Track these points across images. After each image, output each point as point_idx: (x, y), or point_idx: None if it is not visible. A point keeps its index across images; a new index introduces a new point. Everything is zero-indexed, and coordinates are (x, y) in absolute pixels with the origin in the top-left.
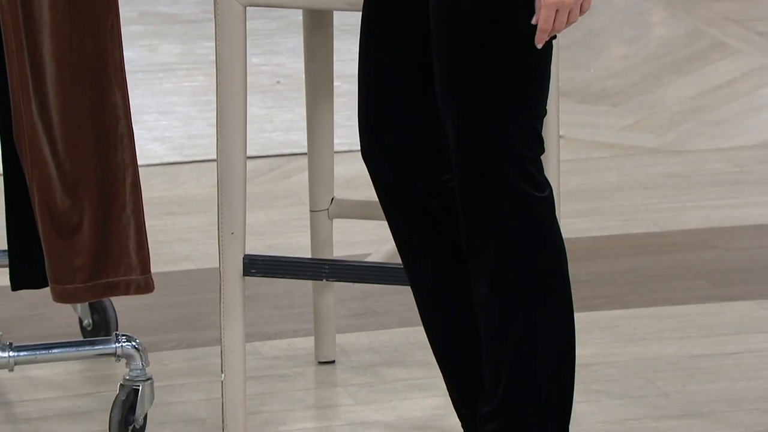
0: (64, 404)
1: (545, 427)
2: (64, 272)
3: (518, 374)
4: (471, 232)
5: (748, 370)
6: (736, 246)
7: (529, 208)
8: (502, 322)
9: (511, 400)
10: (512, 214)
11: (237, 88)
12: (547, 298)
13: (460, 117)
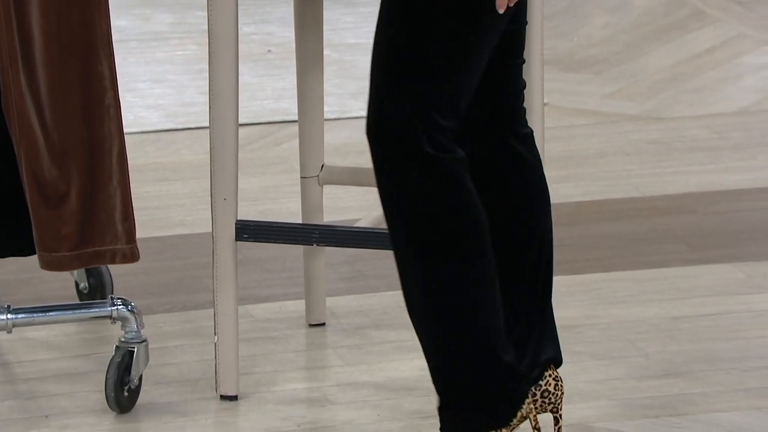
0: (61, 365)
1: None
2: (51, 240)
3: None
4: (380, 193)
5: (725, 331)
6: (714, 210)
7: (434, 173)
8: (404, 278)
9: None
10: (416, 177)
11: (229, 56)
12: (452, 259)
13: (371, 81)
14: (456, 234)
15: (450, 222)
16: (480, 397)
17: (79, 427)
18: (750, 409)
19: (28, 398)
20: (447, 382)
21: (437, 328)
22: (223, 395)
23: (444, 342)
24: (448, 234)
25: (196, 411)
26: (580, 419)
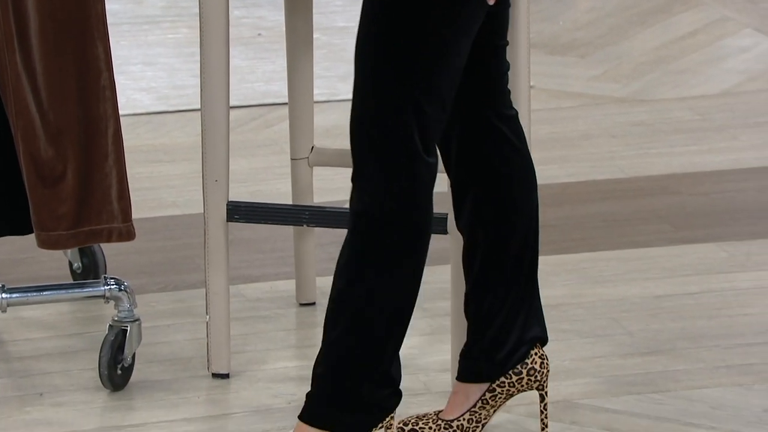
0: (55, 344)
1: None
2: (48, 220)
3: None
4: (353, 181)
5: (708, 309)
6: (697, 191)
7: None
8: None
9: (336, 346)
10: (391, 170)
11: (220, 40)
12: (404, 260)
13: (356, 77)
14: (412, 237)
15: (415, 224)
16: (358, 399)
17: (72, 405)
18: (732, 385)
19: (23, 376)
20: (335, 373)
21: (354, 320)
22: (214, 373)
23: (350, 336)
24: (404, 235)
25: (188, 389)
26: (566, 396)
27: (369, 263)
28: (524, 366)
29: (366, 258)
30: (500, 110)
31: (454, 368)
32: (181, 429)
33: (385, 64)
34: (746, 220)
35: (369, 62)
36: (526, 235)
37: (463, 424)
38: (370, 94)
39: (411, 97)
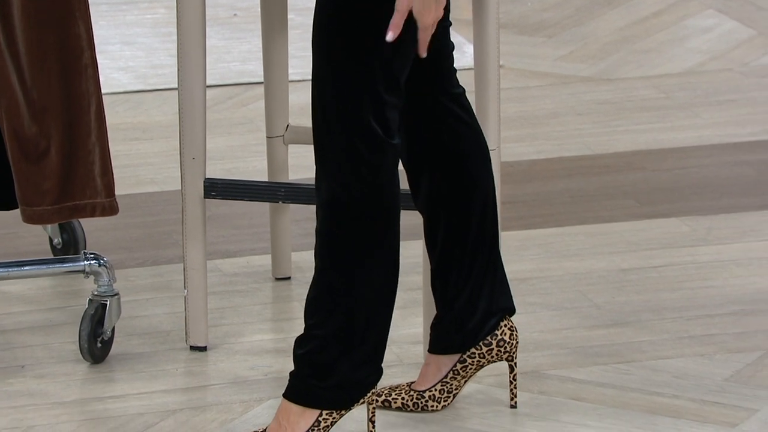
0: (36, 317)
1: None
2: (33, 195)
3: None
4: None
5: (672, 282)
6: (661, 167)
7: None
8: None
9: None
10: (355, 156)
11: (196, 20)
12: (378, 241)
13: (314, 67)
14: (383, 218)
15: (384, 206)
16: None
17: (54, 377)
18: (694, 355)
19: (5, 349)
20: (317, 355)
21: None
22: (192, 346)
23: (332, 320)
24: (375, 217)
25: (166, 361)
26: (534, 367)
27: (345, 249)
28: (494, 338)
29: (341, 244)
30: (449, 89)
31: (425, 340)
32: (160, 400)
33: (342, 53)
34: (708, 195)
35: (325, 51)
36: (484, 207)
37: (434, 395)
38: (329, 84)
39: (370, 84)
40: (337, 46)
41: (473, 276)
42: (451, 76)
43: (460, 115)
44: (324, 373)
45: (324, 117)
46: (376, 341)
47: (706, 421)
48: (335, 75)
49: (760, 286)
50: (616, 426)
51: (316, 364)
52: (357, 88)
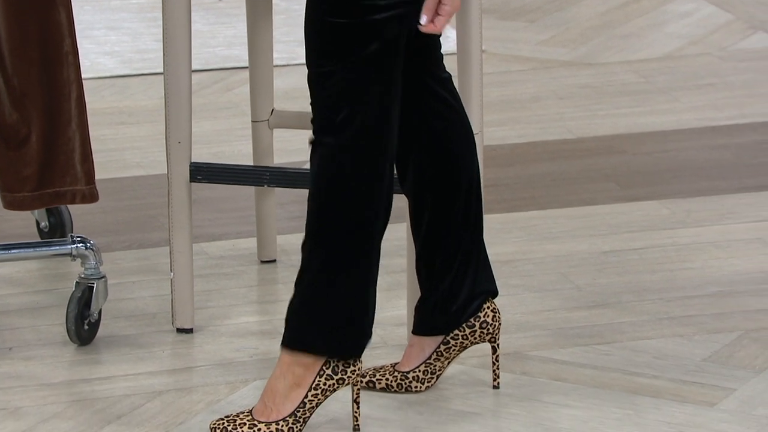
0: (23, 300)
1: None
2: (14, 182)
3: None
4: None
5: (652, 264)
6: (641, 150)
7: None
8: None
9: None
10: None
11: (182, 5)
12: (375, 183)
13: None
14: (376, 182)
15: (379, 173)
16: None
17: (41, 359)
18: (673, 336)
19: None
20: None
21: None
22: (179, 328)
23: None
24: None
25: (153, 343)
26: (516, 348)
27: (341, 189)
28: (477, 319)
29: (332, 198)
30: (436, 73)
31: (409, 322)
32: (147, 382)
33: (334, 40)
34: (687, 178)
35: (317, 41)
36: (469, 192)
37: (418, 375)
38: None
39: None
40: (326, 28)
41: (457, 259)
42: (438, 60)
43: (446, 99)
44: (316, 312)
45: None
46: (362, 293)
47: (685, 401)
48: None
49: (738, 268)
50: (597, 406)
51: (308, 302)
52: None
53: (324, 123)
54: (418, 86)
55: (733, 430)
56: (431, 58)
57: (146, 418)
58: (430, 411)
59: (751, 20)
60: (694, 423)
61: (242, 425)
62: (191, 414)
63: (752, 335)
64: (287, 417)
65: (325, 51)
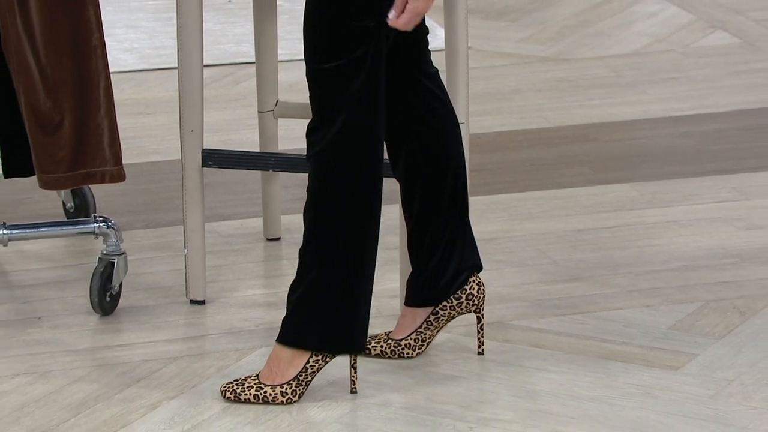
0: (51, 274)
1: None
2: (49, 163)
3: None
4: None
5: (623, 241)
6: (613, 138)
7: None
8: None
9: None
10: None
11: (194, 6)
12: (362, 195)
13: (304, 44)
14: (370, 175)
15: (369, 168)
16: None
17: (68, 327)
18: (641, 306)
19: (23, 302)
20: (307, 299)
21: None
22: (192, 300)
23: (321, 268)
24: (362, 173)
25: (168, 313)
26: (499, 318)
27: (331, 201)
28: (463, 292)
29: (329, 195)
30: (425, 69)
31: (401, 295)
32: (163, 348)
33: (331, 38)
34: (654, 163)
35: (317, 37)
36: (456, 177)
37: (410, 343)
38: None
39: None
40: (324, 30)
41: (446, 237)
42: (427, 56)
43: (434, 92)
44: (312, 316)
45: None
46: (360, 295)
47: (652, 365)
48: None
49: (700, 244)
50: (572, 370)
51: (306, 306)
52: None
53: (316, 124)
54: (408, 81)
55: (695, 391)
56: (420, 54)
57: (163, 381)
58: (420, 375)
59: (711, 20)
60: (660, 385)
61: (250, 388)
62: (203, 378)
63: (712, 305)
64: (291, 380)
65: (322, 49)
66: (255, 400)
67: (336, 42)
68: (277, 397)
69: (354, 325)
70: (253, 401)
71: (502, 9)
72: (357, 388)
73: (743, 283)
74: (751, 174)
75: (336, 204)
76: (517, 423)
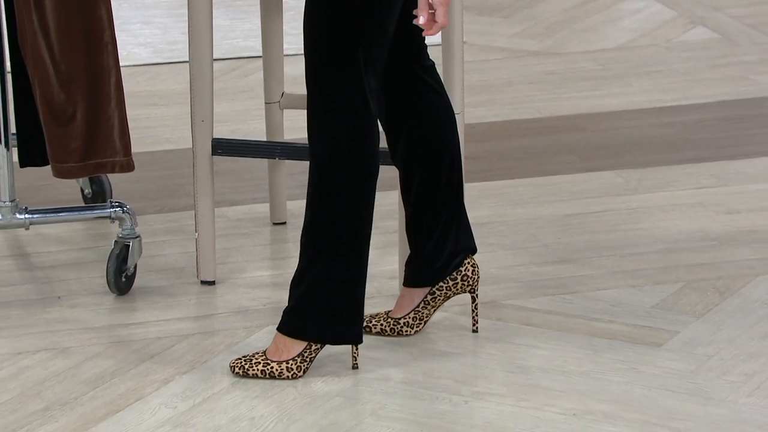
0: (70, 256)
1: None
2: (62, 154)
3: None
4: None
5: (608, 225)
6: (599, 128)
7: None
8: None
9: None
10: (330, 117)
11: (205, 3)
12: (359, 193)
13: (304, 41)
14: (364, 174)
15: (366, 165)
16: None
17: (86, 306)
18: (626, 287)
19: (44, 282)
20: (310, 292)
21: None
22: (202, 281)
23: (319, 261)
24: (357, 174)
25: (180, 293)
26: (492, 298)
27: (331, 200)
28: (459, 273)
29: (329, 196)
30: (422, 62)
31: (400, 276)
32: (176, 326)
33: (330, 36)
34: (638, 151)
35: (316, 35)
36: (452, 164)
37: (408, 321)
38: (323, 60)
39: (354, 62)
40: (326, 32)
41: (442, 221)
42: (424, 50)
43: (431, 84)
44: (315, 310)
45: (317, 89)
46: (353, 291)
47: (636, 342)
48: (322, 56)
49: (681, 228)
50: (561, 347)
51: (309, 300)
52: (345, 66)
53: (313, 120)
54: (407, 75)
55: (677, 366)
56: (418, 49)
57: (175, 357)
58: (418, 351)
59: (692, 16)
60: (644, 361)
61: (257, 363)
62: (213, 354)
63: (693, 285)
64: (296, 357)
65: (321, 47)
66: (262, 375)
67: (335, 42)
68: (282, 373)
69: (352, 315)
70: (261, 376)
71: (495, 5)
72: (358, 364)
73: (722, 264)
74: (729, 162)
75: (334, 197)
76: (510, 397)
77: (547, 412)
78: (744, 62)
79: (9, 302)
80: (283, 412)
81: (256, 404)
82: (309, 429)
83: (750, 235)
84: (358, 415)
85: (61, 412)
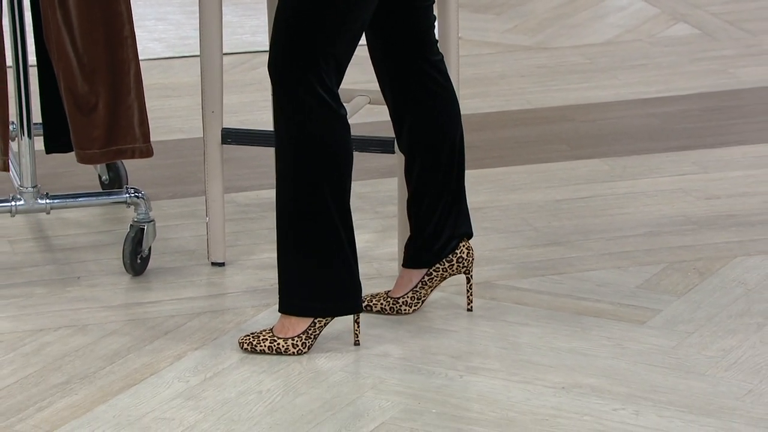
0: (88, 239)
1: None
2: (85, 141)
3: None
4: (276, 118)
5: (595, 210)
6: (587, 118)
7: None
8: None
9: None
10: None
11: (215, 0)
12: (326, 179)
13: (274, 33)
14: (334, 161)
15: (333, 154)
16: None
17: (103, 286)
18: (613, 268)
19: (64, 263)
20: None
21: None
22: (213, 262)
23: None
24: (329, 157)
25: (192, 274)
26: (486, 278)
27: (300, 181)
28: (455, 255)
29: (298, 177)
30: (429, 56)
31: (399, 257)
32: (188, 305)
33: (296, 31)
34: (624, 140)
35: (283, 26)
36: (452, 152)
37: (407, 301)
38: (287, 52)
39: (314, 57)
40: (292, 25)
41: (441, 206)
42: (432, 44)
43: (436, 77)
44: (312, 285)
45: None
46: (342, 265)
47: (621, 320)
48: (286, 46)
49: (664, 212)
50: (551, 324)
51: (304, 275)
52: (306, 60)
53: (281, 102)
54: (414, 71)
55: (659, 342)
56: (426, 45)
57: (188, 334)
58: (416, 329)
59: (674, 13)
60: (629, 337)
61: (264, 340)
62: (223, 332)
63: (675, 266)
64: (301, 334)
65: (290, 45)
66: (269, 351)
67: (295, 35)
68: (288, 349)
69: (350, 286)
70: (268, 352)
71: (488, 3)
72: (360, 340)
73: (702, 246)
74: (709, 150)
75: (302, 179)
76: (502, 371)
77: (537, 385)
78: (723, 56)
79: (32, 282)
80: (289, 386)
81: (263, 378)
82: (313, 402)
83: (728, 219)
84: (359, 389)
85: (81, 385)
